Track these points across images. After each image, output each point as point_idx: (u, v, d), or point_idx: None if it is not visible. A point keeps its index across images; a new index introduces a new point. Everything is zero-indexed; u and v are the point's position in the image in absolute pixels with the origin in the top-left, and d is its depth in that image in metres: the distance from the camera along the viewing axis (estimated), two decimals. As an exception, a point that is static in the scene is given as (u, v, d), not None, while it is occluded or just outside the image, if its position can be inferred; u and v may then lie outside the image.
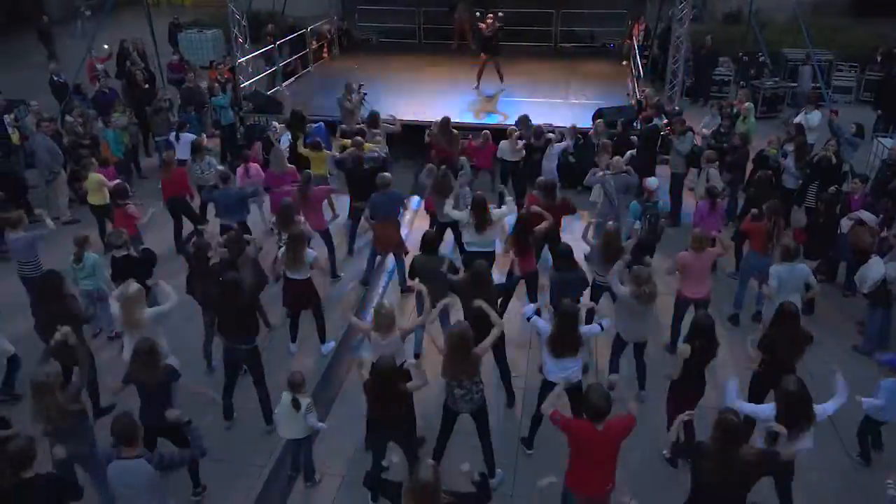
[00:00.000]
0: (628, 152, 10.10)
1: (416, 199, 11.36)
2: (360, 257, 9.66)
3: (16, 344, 7.11)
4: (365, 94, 12.55)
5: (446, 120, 10.80)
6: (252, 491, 6.02)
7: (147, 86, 13.72)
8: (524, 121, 10.95)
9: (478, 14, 16.21)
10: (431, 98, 14.01)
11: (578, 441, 4.77)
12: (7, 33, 22.60)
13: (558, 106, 13.47)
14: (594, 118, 11.87)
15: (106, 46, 15.72)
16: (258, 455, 6.38)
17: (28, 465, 4.33)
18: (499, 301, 6.96)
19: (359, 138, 9.92)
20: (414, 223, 10.68)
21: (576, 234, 8.39)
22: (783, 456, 4.66)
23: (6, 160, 10.54)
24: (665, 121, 11.33)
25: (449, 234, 9.08)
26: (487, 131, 11.11)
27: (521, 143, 10.53)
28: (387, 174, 8.83)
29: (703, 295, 7.22)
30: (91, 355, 6.68)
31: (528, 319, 6.06)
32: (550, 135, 10.64)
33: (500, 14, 14.63)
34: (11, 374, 7.01)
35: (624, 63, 16.54)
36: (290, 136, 11.23)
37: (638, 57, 14.32)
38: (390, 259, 9.21)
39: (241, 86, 13.75)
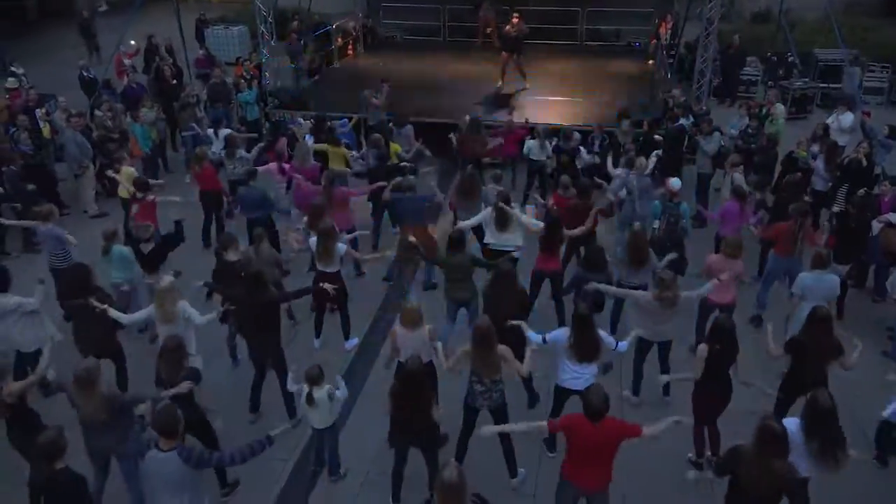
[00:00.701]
0: (654, 152, 10.02)
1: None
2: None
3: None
4: (389, 87, 12.53)
5: (475, 119, 10.78)
6: (276, 485, 6.08)
7: (175, 81, 13.86)
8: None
9: (504, 9, 16.12)
10: (456, 96, 13.99)
11: (573, 435, 4.78)
12: (38, 29, 22.96)
13: (583, 105, 13.39)
14: (619, 117, 11.77)
15: (133, 42, 15.90)
16: (283, 449, 6.38)
17: (59, 455, 4.42)
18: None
19: (378, 136, 9.95)
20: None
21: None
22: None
23: (37, 153, 10.71)
24: (692, 121, 11.22)
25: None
26: (510, 118, 11.08)
27: (549, 144, 10.50)
28: (410, 177, 8.82)
29: (728, 300, 7.10)
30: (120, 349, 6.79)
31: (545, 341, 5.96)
32: (576, 134, 10.60)
33: (512, 17, 14.51)
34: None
35: (650, 62, 16.40)
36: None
37: (665, 56, 14.20)
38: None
39: (267, 82, 13.85)
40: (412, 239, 7.69)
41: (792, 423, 4.81)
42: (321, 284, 7.00)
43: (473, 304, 7.38)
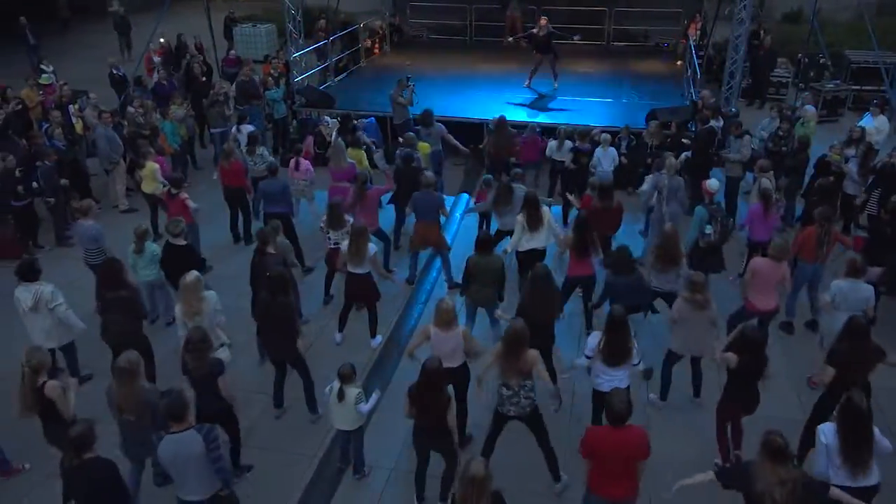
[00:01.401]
0: (683, 154, 9.92)
1: (464, 195, 11.37)
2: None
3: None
4: (413, 84, 12.55)
5: (502, 119, 10.78)
6: (302, 480, 6.11)
7: (204, 79, 14.01)
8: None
9: (532, 9, 16.09)
10: (482, 95, 13.99)
11: (596, 448, 4.71)
12: (71, 26, 23.35)
13: (611, 106, 13.32)
14: (647, 119, 11.71)
15: (162, 40, 16.09)
16: (308, 445, 6.47)
17: (89, 447, 4.54)
18: None
19: (411, 134, 9.97)
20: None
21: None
22: (832, 495, 4.43)
23: (70, 149, 10.88)
24: (721, 123, 11.09)
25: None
26: (535, 124, 11.04)
27: (568, 143, 10.46)
28: (430, 174, 8.84)
29: (771, 307, 6.94)
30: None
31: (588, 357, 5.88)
32: (605, 135, 10.53)
33: (539, 19, 14.44)
34: (72, 359, 7.21)
35: (678, 63, 16.26)
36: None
37: (694, 57, 14.05)
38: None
39: (294, 80, 13.95)
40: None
41: (828, 427, 4.75)
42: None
43: (494, 307, 7.36)
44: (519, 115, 12.78)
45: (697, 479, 4.68)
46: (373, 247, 7.47)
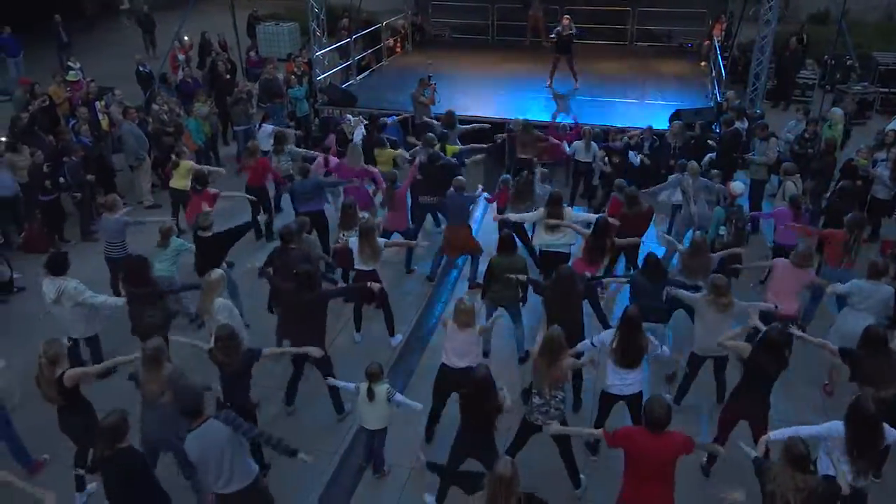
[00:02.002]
0: (708, 156, 9.82)
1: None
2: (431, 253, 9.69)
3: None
4: (434, 83, 12.54)
5: (527, 121, 10.76)
6: (323, 476, 6.14)
7: (229, 77, 14.12)
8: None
9: (554, 9, 16.03)
10: (504, 95, 13.96)
11: (632, 448, 4.64)
12: (97, 23, 23.65)
13: (633, 106, 13.24)
14: (671, 119, 11.61)
15: (186, 38, 16.24)
16: (329, 442, 6.50)
17: (122, 437, 4.61)
18: None
19: (431, 135, 9.98)
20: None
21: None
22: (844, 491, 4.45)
23: (96, 145, 11.02)
24: (746, 125, 10.97)
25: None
26: (560, 124, 11.03)
27: (595, 145, 10.41)
28: (461, 177, 8.84)
29: (791, 312, 6.86)
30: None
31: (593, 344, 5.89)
32: (625, 138, 10.49)
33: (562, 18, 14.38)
34: (96, 351, 7.29)
35: (702, 63, 16.12)
36: (364, 131, 11.41)
37: (719, 57, 13.94)
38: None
39: (317, 79, 14.01)
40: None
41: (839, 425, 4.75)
42: (369, 284, 7.04)
43: (514, 308, 7.34)
44: (541, 116, 12.74)
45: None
46: (381, 240, 7.52)
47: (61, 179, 9.73)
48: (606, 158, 10.32)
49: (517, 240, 7.57)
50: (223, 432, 4.66)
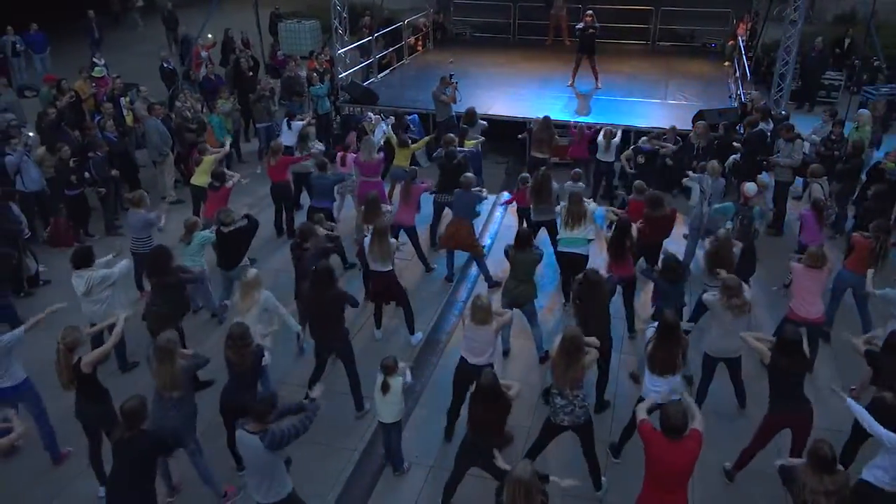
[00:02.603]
0: (732, 157, 9.73)
1: (505, 194, 11.31)
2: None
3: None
4: (456, 82, 12.53)
5: (546, 119, 10.72)
6: (342, 473, 6.16)
7: (251, 74, 14.21)
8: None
9: (576, 8, 15.95)
10: (525, 94, 13.92)
11: (651, 449, 4.61)
12: (121, 21, 23.89)
13: (656, 106, 13.14)
14: (694, 120, 11.51)
15: (210, 36, 16.36)
16: (350, 439, 6.52)
17: (140, 422, 4.72)
18: None
19: (451, 135, 10.00)
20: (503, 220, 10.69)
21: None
22: None
23: (121, 141, 11.13)
24: (771, 126, 10.85)
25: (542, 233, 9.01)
26: (581, 123, 11.01)
27: (615, 143, 10.36)
28: (470, 175, 8.87)
29: (815, 317, 6.74)
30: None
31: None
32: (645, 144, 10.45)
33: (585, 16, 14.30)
34: (120, 350, 7.35)
35: (726, 63, 15.96)
36: (385, 128, 11.44)
37: (744, 58, 13.79)
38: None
39: (339, 76, 14.06)
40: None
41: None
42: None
43: (530, 307, 7.34)
44: (563, 115, 12.67)
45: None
46: (392, 241, 7.55)
47: (86, 174, 9.84)
48: (632, 158, 10.25)
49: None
50: (256, 453, 4.70)
